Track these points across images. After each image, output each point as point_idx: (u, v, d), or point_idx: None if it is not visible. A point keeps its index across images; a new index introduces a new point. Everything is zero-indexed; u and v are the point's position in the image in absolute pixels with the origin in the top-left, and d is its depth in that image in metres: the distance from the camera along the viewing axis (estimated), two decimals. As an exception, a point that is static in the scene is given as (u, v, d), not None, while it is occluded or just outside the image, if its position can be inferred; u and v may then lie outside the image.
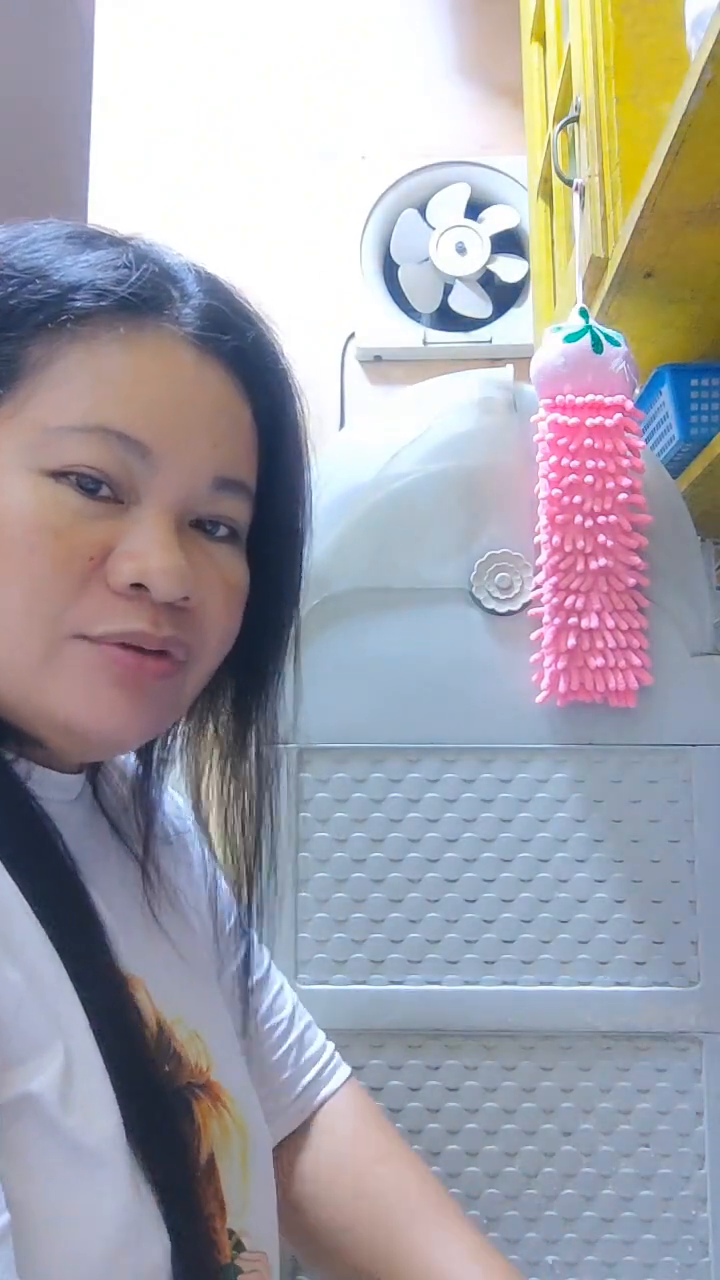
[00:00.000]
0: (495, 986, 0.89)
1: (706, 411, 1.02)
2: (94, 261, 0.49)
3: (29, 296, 0.48)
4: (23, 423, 0.47)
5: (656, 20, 0.97)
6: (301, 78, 1.80)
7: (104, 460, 0.47)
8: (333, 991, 0.89)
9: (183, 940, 0.61)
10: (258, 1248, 0.56)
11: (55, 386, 0.47)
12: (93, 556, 0.47)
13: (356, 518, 0.93)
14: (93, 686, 0.48)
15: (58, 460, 0.47)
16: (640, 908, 0.89)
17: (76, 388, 0.47)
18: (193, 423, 0.49)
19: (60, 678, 0.48)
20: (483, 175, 1.72)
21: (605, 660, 0.89)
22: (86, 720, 0.49)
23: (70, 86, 1.88)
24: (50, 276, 0.49)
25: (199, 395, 0.50)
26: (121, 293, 0.48)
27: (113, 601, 0.48)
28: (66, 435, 0.47)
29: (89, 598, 0.47)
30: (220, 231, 1.74)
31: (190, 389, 0.50)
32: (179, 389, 0.49)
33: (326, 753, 0.91)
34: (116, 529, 0.48)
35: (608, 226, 0.96)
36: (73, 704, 0.48)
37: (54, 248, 0.50)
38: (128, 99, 1.80)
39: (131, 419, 0.48)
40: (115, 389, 0.48)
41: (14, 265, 0.49)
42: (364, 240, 1.73)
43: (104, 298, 0.48)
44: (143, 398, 0.48)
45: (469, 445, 0.94)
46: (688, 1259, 0.86)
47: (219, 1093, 0.57)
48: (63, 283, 0.48)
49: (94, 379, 0.48)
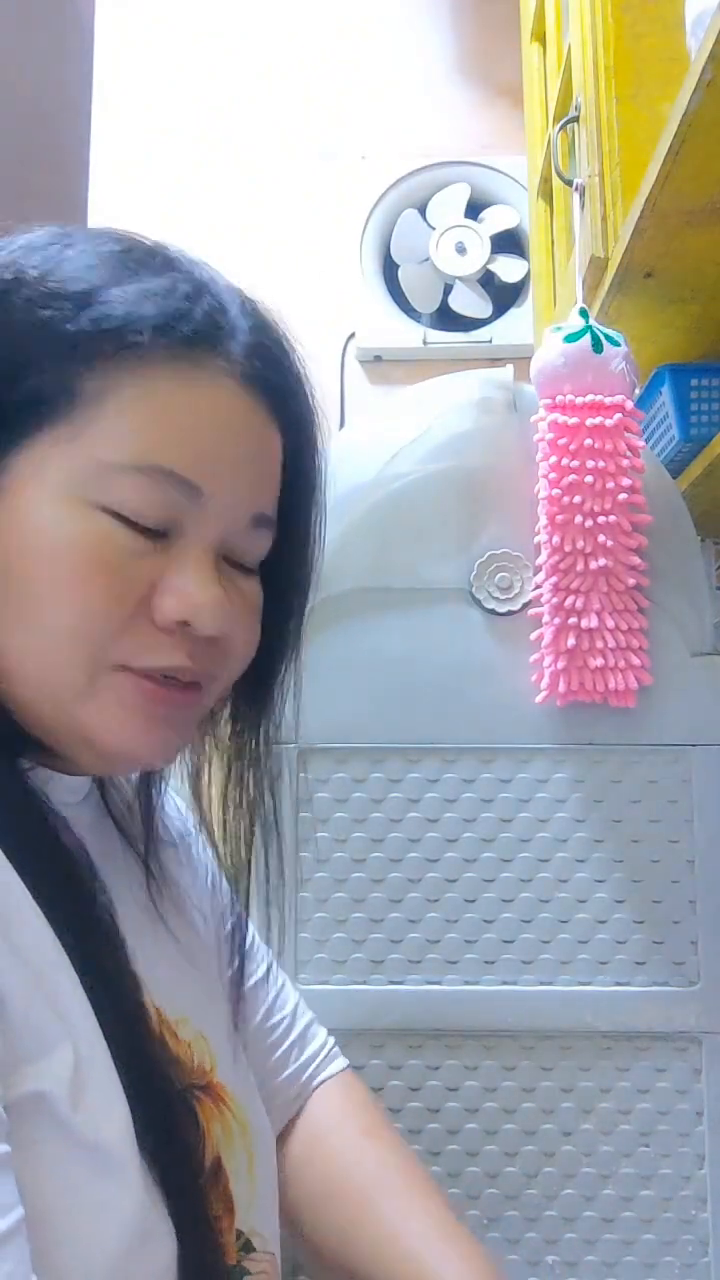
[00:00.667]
0: (495, 986, 0.89)
1: (706, 411, 1.02)
2: (152, 291, 0.49)
3: (86, 324, 0.48)
4: (77, 452, 0.48)
5: (656, 20, 0.97)
6: (301, 78, 1.80)
7: (156, 499, 0.48)
8: (333, 991, 0.89)
9: (188, 941, 0.62)
10: (267, 1248, 0.56)
11: (111, 419, 0.48)
12: (141, 593, 0.49)
13: (356, 518, 0.93)
14: (130, 717, 0.49)
15: (110, 495, 0.48)
16: (640, 908, 0.89)
17: (132, 424, 0.48)
18: (238, 463, 0.51)
19: (99, 705, 0.49)
20: (483, 175, 1.72)
21: (605, 660, 0.89)
22: (121, 747, 0.50)
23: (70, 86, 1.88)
24: (108, 304, 0.48)
25: (245, 435, 0.51)
26: (183, 330, 0.49)
27: (157, 636, 0.49)
28: (122, 472, 0.47)
29: (135, 632, 0.49)
30: (220, 231, 1.74)
31: (238, 429, 0.51)
32: (229, 430, 0.50)
33: (326, 753, 0.91)
34: (161, 565, 0.49)
35: (608, 226, 0.97)
36: (109, 731, 0.49)
37: (106, 269, 0.50)
38: (128, 99, 1.81)
39: (185, 460, 0.48)
40: (171, 429, 0.48)
41: (66, 285, 0.49)
42: (364, 240, 1.73)
43: (164, 334, 0.48)
44: (197, 439, 0.49)
45: (469, 445, 0.94)
46: (688, 1259, 0.86)
47: (221, 1094, 0.57)
48: (121, 314, 0.48)
49: (151, 417, 0.48)
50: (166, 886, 0.62)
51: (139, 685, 0.49)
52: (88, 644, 0.48)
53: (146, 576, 0.49)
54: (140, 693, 0.49)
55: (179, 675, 0.50)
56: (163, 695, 0.50)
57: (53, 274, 0.49)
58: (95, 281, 0.49)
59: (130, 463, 0.48)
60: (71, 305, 0.48)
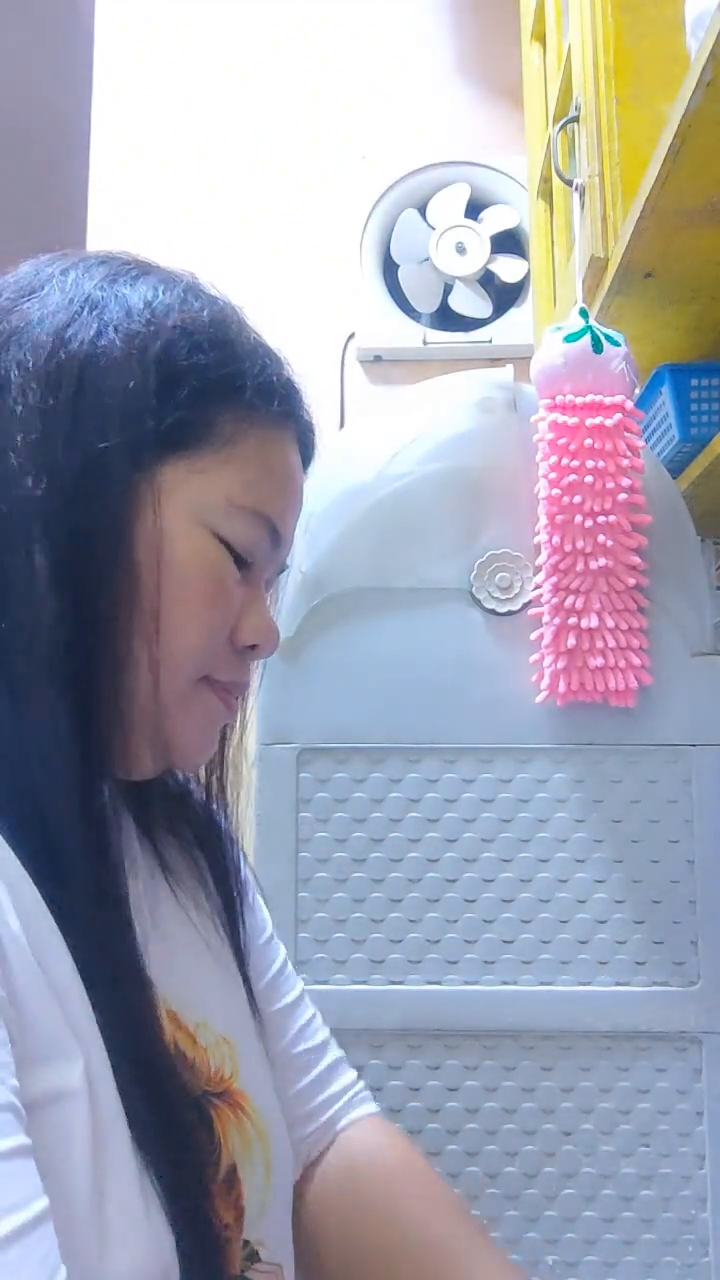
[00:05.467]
0: (495, 986, 0.89)
1: (706, 411, 1.02)
2: (267, 355, 0.57)
3: (227, 373, 0.54)
4: (210, 485, 0.53)
5: (656, 20, 0.97)
6: (302, 78, 1.80)
7: (256, 540, 0.55)
8: (333, 991, 0.89)
9: (211, 944, 0.61)
10: (274, 1259, 0.56)
11: (240, 464, 0.54)
12: (234, 618, 0.56)
13: (356, 518, 0.93)
14: (208, 726, 0.57)
15: (227, 529, 0.54)
16: (640, 908, 0.89)
17: (257, 473, 0.55)
18: (298, 514, 0.60)
19: (190, 713, 0.54)
20: (483, 175, 1.72)
21: (605, 660, 0.89)
22: (194, 751, 0.57)
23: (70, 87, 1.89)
24: (241, 361, 0.55)
25: (302, 490, 0.60)
26: (290, 399, 0.58)
27: (234, 655, 0.56)
28: (242, 514, 0.54)
29: (225, 651, 0.56)
30: (220, 231, 1.74)
31: (300, 484, 0.60)
32: (298, 486, 0.60)
33: (326, 753, 0.91)
34: (245, 596, 0.56)
35: (608, 226, 0.96)
36: (189, 738, 0.55)
37: (232, 330, 0.56)
38: (128, 100, 1.80)
39: (281, 514, 0.57)
40: (278, 485, 0.57)
41: (209, 338, 0.54)
42: (364, 240, 1.73)
43: (274, 398, 0.56)
44: (287, 494, 0.58)
45: (469, 445, 0.94)
46: (688, 1259, 0.86)
47: (241, 1100, 0.57)
48: (251, 371, 0.55)
49: (267, 469, 0.56)
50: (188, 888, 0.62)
51: (216, 699, 0.56)
52: (199, 656, 0.53)
53: (237, 603, 0.56)
54: (220, 704, 0.56)
55: (237, 691, 0.58)
56: (228, 705, 0.57)
57: (197, 319, 0.55)
58: (229, 337, 0.56)
59: (248, 505, 0.54)
60: (214, 358, 0.54)
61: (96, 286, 0.53)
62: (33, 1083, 0.43)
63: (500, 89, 1.76)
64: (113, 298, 0.53)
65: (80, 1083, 0.44)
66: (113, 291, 0.53)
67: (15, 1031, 0.43)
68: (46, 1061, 0.43)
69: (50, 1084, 0.43)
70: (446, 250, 1.67)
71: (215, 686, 0.56)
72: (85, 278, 0.54)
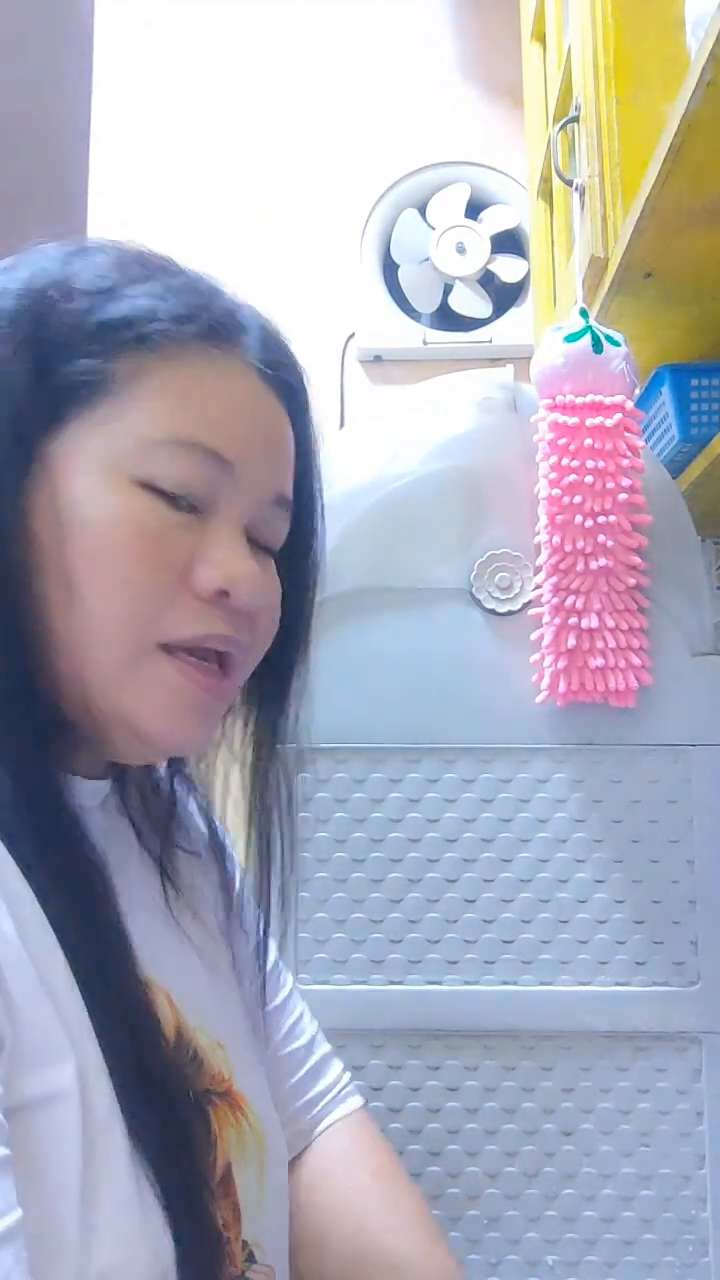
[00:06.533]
0: (495, 986, 0.89)
1: (706, 411, 1.02)
2: (171, 287, 0.53)
3: (114, 313, 0.51)
4: (116, 431, 0.50)
5: (656, 20, 0.97)
6: (302, 80, 1.80)
7: (192, 473, 0.50)
8: (333, 991, 0.89)
9: (206, 949, 0.61)
10: (268, 1260, 0.56)
11: (149, 400, 0.50)
12: (182, 566, 0.50)
13: (356, 518, 0.93)
14: (171, 700, 0.51)
15: (148, 469, 0.50)
16: (640, 908, 0.89)
17: (170, 403, 0.50)
18: (264, 444, 0.54)
19: (142, 686, 0.50)
20: (483, 175, 1.72)
21: (605, 660, 0.89)
22: (158, 729, 0.51)
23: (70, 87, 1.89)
24: (133, 297, 0.51)
25: (267, 420, 0.54)
26: (206, 319, 0.52)
27: (198, 607, 0.51)
28: (160, 447, 0.50)
29: (176, 605, 0.50)
30: (221, 231, 1.74)
31: (262, 413, 0.54)
32: (255, 412, 0.53)
33: (326, 753, 0.91)
34: (197, 539, 0.51)
35: (608, 226, 0.96)
36: (150, 714, 0.51)
37: (125, 271, 0.53)
38: (128, 100, 1.80)
39: (218, 437, 0.51)
40: (205, 408, 0.51)
41: (84, 285, 0.51)
42: (364, 240, 1.73)
43: (188, 322, 0.52)
44: (229, 418, 0.52)
45: (469, 445, 0.94)
46: (688, 1259, 0.86)
47: (239, 1101, 0.57)
48: (145, 304, 0.51)
49: (186, 396, 0.51)
50: (185, 894, 0.62)
51: (180, 668, 0.51)
52: (132, 619, 0.49)
53: (185, 549, 0.50)
54: (181, 675, 0.51)
55: (216, 645, 0.52)
56: (200, 679, 0.51)
57: (75, 276, 0.52)
58: (116, 280, 0.52)
59: (168, 437, 0.50)
60: (100, 298, 0.51)
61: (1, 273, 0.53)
62: (23, 1086, 0.42)
63: (500, 89, 1.76)
64: (4, 284, 0.52)
65: (71, 1084, 0.44)
66: (8, 278, 0.52)
67: (8, 1037, 0.42)
68: (37, 1065, 0.43)
69: (41, 1086, 0.43)
70: (446, 250, 1.67)
71: (177, 653, 0.51)
72: (5, 269, 0.53)
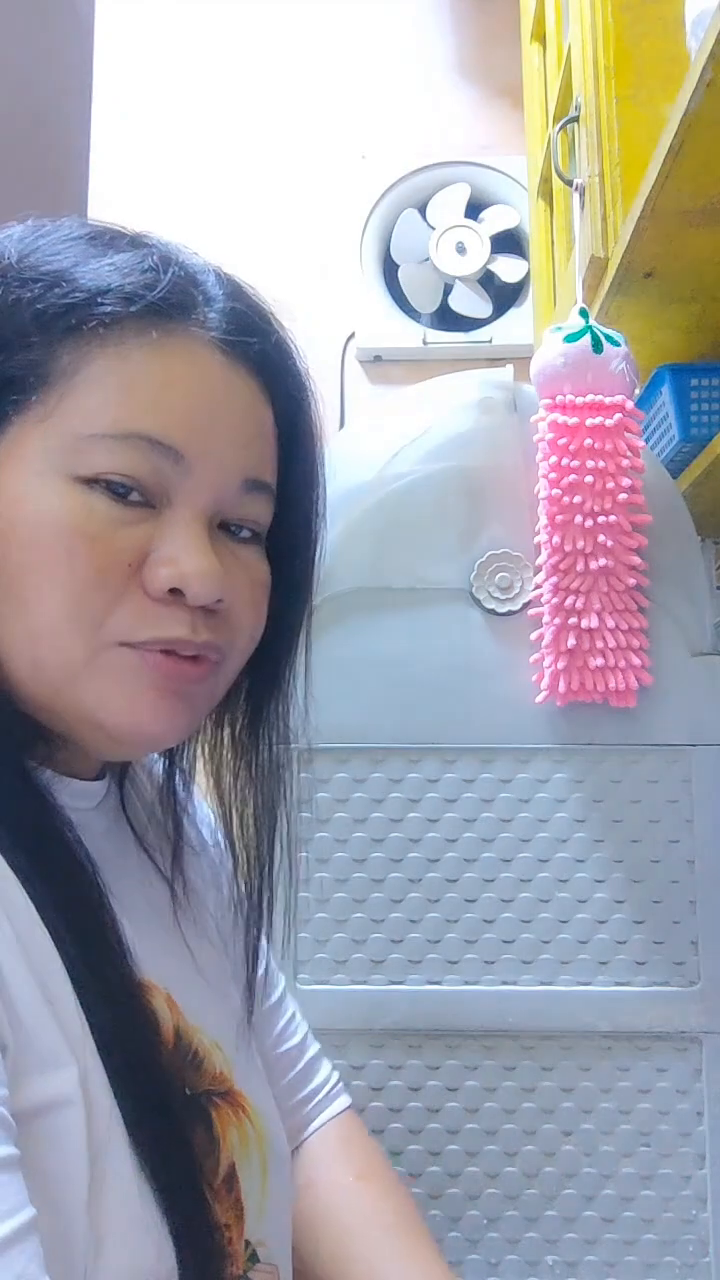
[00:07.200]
0: (495, 986, 0.89)
1: (706, 411, 1.02)
2: (119, 265, 0.49)
3: (55, 300, 0.48)
4: (53, 429, 0.47)
5: (656, 20, 0.97)
6: (302, 78, 1.80)
7: (136, 466, 0.47)
8: (333, 991, 0.89)
9: (202, 951, 0.61)
10: (271, 1260, 0.56)
11: (85, 393, 0.47)
12: (130, 563, 0.48)
13: (356, 518, 0.93)
14: (134, 692, 0.49)
15: (89, 467, 0.47)
16: (640, 908, 0.89)
17: (108, 394, 0.47)
18: (222, 426, 0.50)
19: (101, 681, 0.48)
20: (483, 175, 1.72)
21: (605, 660, 0.89)
22: (126, 724, 0.49)
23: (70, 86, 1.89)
24: (77, 280, 0.48)
25: (227, 399, 0.50)
26: (150, 298, 0.49)
27: (151, 608, 0.48)
28: (98, 442, 0.47)
29: (128, 605, 0.48)
30: (220, 231, 1.74)
31: (219, 393, 0.50)
32: (208, 393, 0.49)
33: (327, 753, 0.91)
34: (150, 534, 0.48)
35: (608, 226, 0.96)
36: (113, 708, 0.49)
37: (76, 249, 0.50)
38: (128, 99, 1.80)
39: (164, 425, 0.48)
40: (147, 395, 0.48)
41: (37, 268, 0.49)
42: (364, 240, 1.73)
43: (132, 302, 0.48)
44: (174, 403, 0.48)
45: (469, 445, 0.94)
46: (688, 1259, 0.86)
47: (241, 1101, 0.57)
48: (90, 287, 0.48)
49: (125, 385, 0.48)
50: (185, 895, 0.61)
51: (142, 658, 0.48)
52: (83, 621, 0.47)
53: (135, 546, 0.48)
54: (144, 664, 0.48)
55: (179, 649, 0.49)
56: (167, 666, 0.49)
57: (26, 259, 0.50)
58: (64, 263, 0.49)
59: (106, 432, 0.47)
60: (41, 286, 0.48)
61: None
62: (28, 1093, 0.42)
63: (500, 89, 1.76)
64: None
65: (74, 1090, 0.44)
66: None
67: (11, 1042, 0.42)
68: (42, 1071, 0.43)
69: (45, 1093, 0.43)
70: (446, 250, 1.67)
71: (142, 649, 0.48)
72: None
